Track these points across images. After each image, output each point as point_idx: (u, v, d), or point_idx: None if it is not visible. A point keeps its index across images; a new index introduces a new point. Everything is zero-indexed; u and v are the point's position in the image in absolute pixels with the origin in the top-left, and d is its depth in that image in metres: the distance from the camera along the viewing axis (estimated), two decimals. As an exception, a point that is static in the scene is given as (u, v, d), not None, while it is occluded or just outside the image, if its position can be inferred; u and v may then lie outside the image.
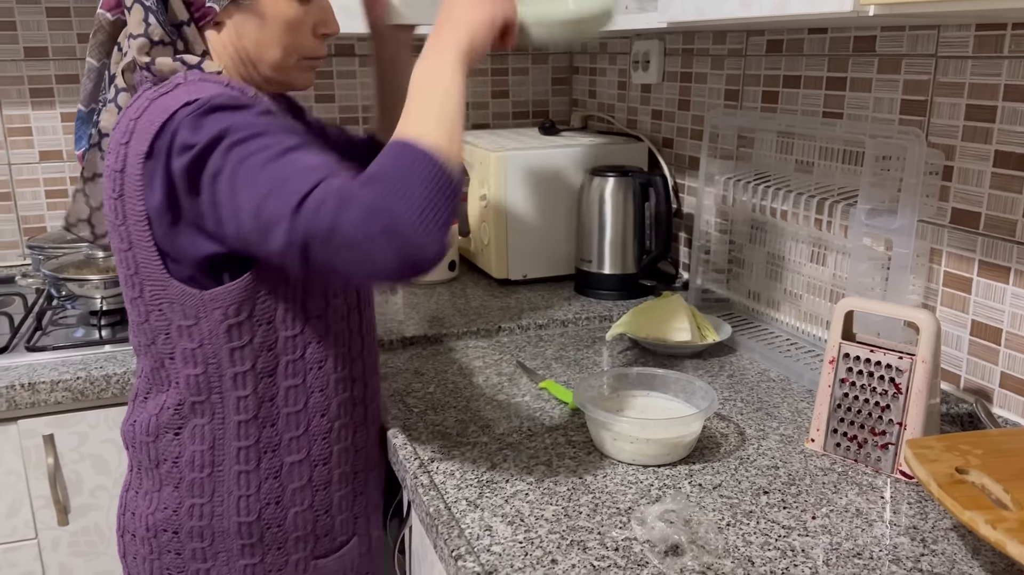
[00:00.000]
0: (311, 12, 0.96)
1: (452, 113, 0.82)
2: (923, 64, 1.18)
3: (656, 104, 1.87)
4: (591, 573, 0.84)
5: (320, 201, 0.75)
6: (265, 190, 0.78)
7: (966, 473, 0.80)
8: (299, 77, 0.99)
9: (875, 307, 1.04)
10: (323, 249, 0.76)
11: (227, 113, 0.83)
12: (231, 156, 0.80)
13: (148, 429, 0.98)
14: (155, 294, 0.92)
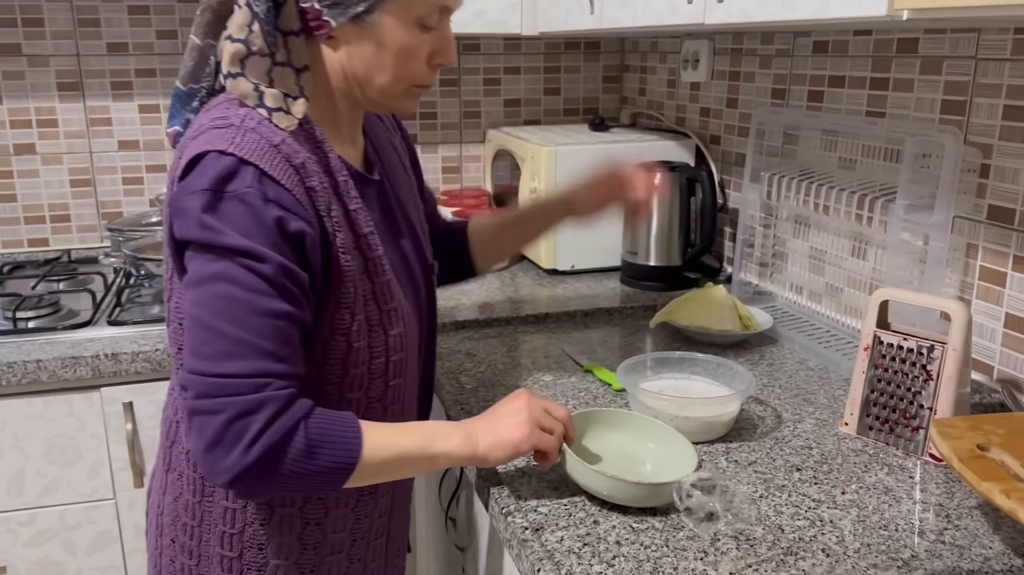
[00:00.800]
0: (429, 41, 0.90)
1: (403, 473, 0.88)
2: (963, 66, 1.22)
3: (704, 102, 1.92)
4: (630, 534, 0.91)
5: (254, 403, 0.78)
6: (232, 333, 0.79)
7: (987, 450, 0.85)
8: (403, 103, 0.94)
9: (909, 297, 1.09)
10: (204, 420, 0.78)
11: (239, 221, 0.79)
12: (234, 272, 0.79)
13: (168, 432, 0.97)
14: (177, 307, 0.90)
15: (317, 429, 0.82)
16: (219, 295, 0.79)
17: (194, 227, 0.80)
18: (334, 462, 0.82)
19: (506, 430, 0.91)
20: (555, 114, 2.32)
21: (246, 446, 0.78)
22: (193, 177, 0.81)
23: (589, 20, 1.59)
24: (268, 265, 0.79)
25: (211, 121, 0.84)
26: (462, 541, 1.31)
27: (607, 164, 1.20)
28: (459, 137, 2.26)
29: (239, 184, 0.80)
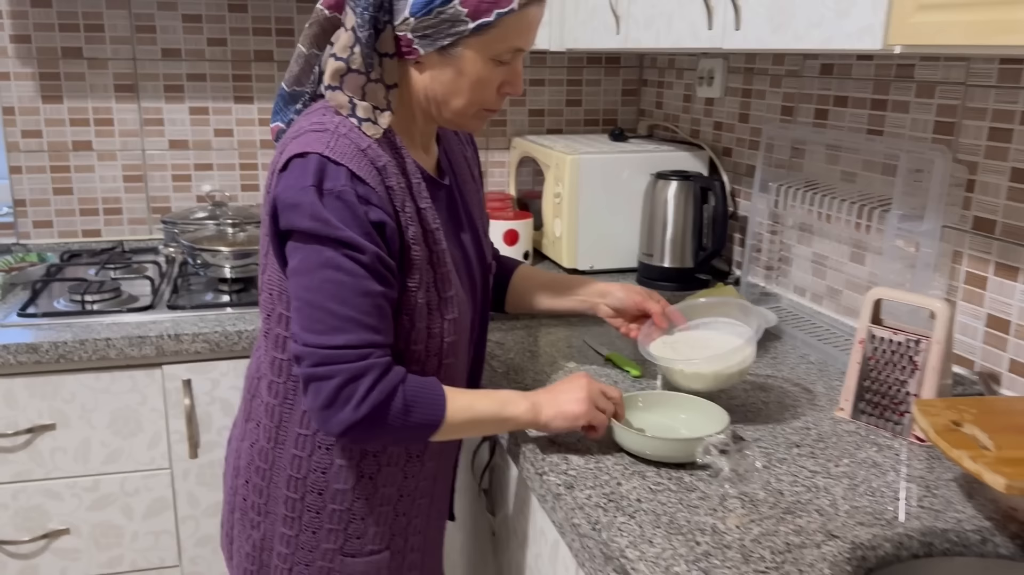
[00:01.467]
0: (501, 73, 1.03)
1: (474, 431, 1.04)
2: (954, 91, 1.35)
3: (718, 116, 2.06)
4: (649, 493, 1.04)
5: (360, 369, 0.95)
6: (339, 311, 0.94)
7: (961, 426, 0.98)
8: (473, 123, 1.07)
9: (899, 296, 1.23)
10: (318, 384, 0.95)
11: (340, 215, 0.94)
12: (339, 261, 0.94)
13: (250, 387, 1.12)
14: (270, 278, 1.05)
15: (412, 392, 0.99)
16: (328, 280, 0.94)
17: (305, 219, 0.94)
18: (425, 419, 0.99)
19: (567, 403, 1.08)
20: (576, 124, 2.46)
21: (356, 404, 0.95)
22: (296, 175, 0.95)
23: (615, 40, 1.73)
24: (366, 255, 0.95)
25: (310, 125, 0.99)
26: (494, 508, 1.44)
27: (640, 292, 1.35)
28: (486, 144, 2.40)
29: (335, 182, 0.94)
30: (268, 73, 2.20)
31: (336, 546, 1.10)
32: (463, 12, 0.95)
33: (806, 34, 1.15)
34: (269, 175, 1.02)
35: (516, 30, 0.99)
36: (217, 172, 2.23)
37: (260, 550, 1.11)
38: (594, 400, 1.09)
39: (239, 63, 2.18)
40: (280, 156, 0.99)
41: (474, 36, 0.98)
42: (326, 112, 1.01)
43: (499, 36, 0.98)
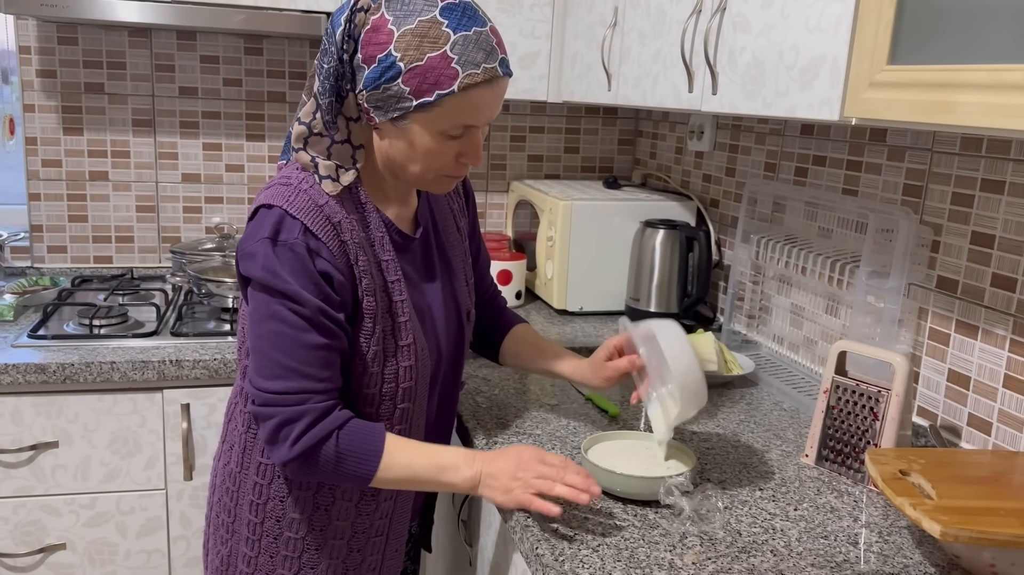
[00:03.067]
0: (456, 145, 1.06)
1: (409, 487, 1.09)
2: (922, 156, 1.43)
3: (707, 169, 2.14)
4: (613, 529, 1.10)
5: (296, 414, 1.03)
6: (283, 360, 1.03)
7: (908, 475, 1.04)
8: (436, 186, 1.12)
9: (861, 348, 1.29)
10: (262, 421, 1.05)
11: (289, 267, 1.01)
12: (285, 314, 1.02)
13: (228, 410, 1.21)
14: (242, 316, 1.14)
15: (347, 440, 1.05)
16: (272, 331, 1.03)
17: (258, 269, 1.02)
18: (357, 471, 1.06)
19: (506, 493, 1.08)
20: (573, 171, 2.55)
21: (291, 443, 1.03)
22: (257, 225, 1.04)
23: (607, 95, 1.82)
24: (307, 308, 1.02)
25: (279, 178, 1.08)
26: (471, 539, 1.50)
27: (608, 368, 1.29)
28: (485, 186, 2.49)
29: (289, 235, 1.02)
30: (280, 113, 2.31)
31: (291, 573, 1.15)
32: (406, 91, 1.00)
33: (774, 102, 1.23)
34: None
35: (461, 109, 1.02)
36: (226, 205, 2.33)
37: (227, 565, 1.19)
38: (537, 490, 1.08)
39: (253, 103, 2.29)
40: (252, 205, 1.08)
41: (419, 112, 1.02)
42: (295, 168, 1.09)
43: (443, 115, 1.02)
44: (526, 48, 2.07)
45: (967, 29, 0.88)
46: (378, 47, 1.00)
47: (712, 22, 1.40)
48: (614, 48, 1.80)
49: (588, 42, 1.94)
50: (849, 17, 1.08)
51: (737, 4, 1.34)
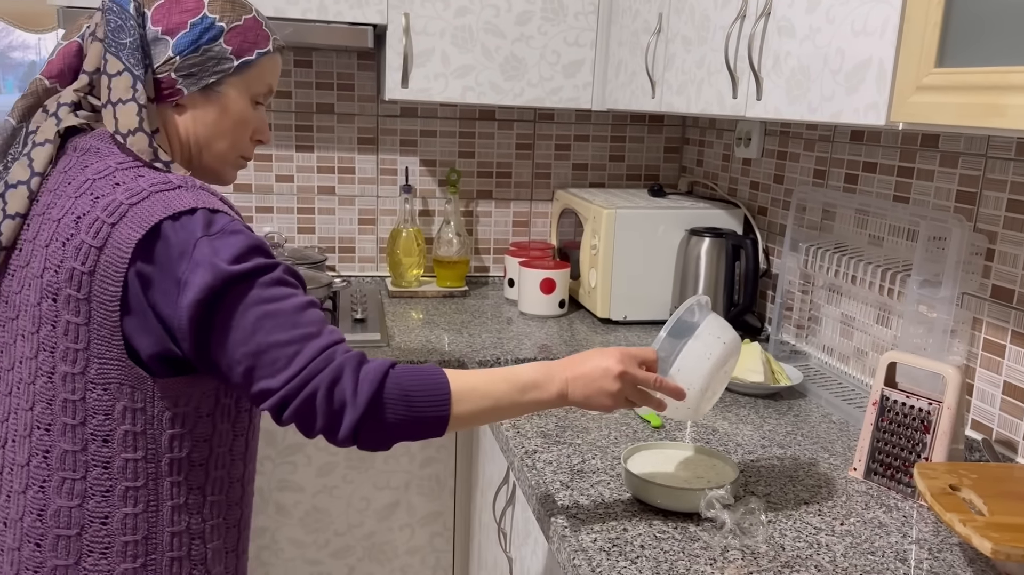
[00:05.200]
0: (256, 118, 1.07)
1: (493, 418, 0.99)
2: (975, 162, 1.39)
3: (755, 176, 2.11)
4: (653, 540, 1.09)
5: (337, 371, 0.90)
6: (287, 338, 0.89)
7: (958, 490, 1.01)
8: (230, 172, 1.09)
9: (912, 360, 1.26)
10: (307, 408, 0.89)
11: (253, 248, 0.91)
12: (262, 294, 0.89)
13: (70, 521, 0.93)
14: (104, 373, 0.91)
15: (406, 376, 0.94)
16: (260, 318, 0.89)
17: (219, 264, 0.88)
18: (428, 411, 0.93)
19: (598, 397, 1.03)
20: (619, 179, 2.54)
21: (352, 401, 0.90)
22: (183, 236, 0.89)
23: (651, 103, 1.81)
24: (278, 271, 0.92)
25: (152, 185, 0.92)
26: (510, 548, 1.50)
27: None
28: (530, 195, 2.50)
29: (222, 221, 0.91)
30: (328, 124, 2.34)
31: None
32: (228, 50, 1.01)
33: (819, 107, 1.21)
34: (76, 266, 0.90)
35: (271, 70, 1.07)
36: (276, 215, 2.37)
37: None
38: (626, 395, 1.05)
39: (302, 114, 2.33)
40: (107, 238, 0.90)
41: (237, 75, 1.03)
42: (158, 179, 0.94)
43: (258, 76, 1.05)
44: (570, 56, 2.07)
45: (1017, 30, 0.85)
46: (187, 13, 1.00)
47: (756, 27, 1.38)
48: (658, 55, 1.79)
49: (632, 49, 1.93)
50: (896, 19, 1.05)
51: (782, 8, 1.32)
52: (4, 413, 0.97)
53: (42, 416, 0.93)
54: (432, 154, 2.42)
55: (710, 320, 1.11)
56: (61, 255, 0.91)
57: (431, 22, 2.00)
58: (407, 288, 2.30)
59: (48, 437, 0.93)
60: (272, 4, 1.91)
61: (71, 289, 0.90)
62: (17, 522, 0.94)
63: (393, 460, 1.85)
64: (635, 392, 1.06)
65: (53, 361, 0.92)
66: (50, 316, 0.92)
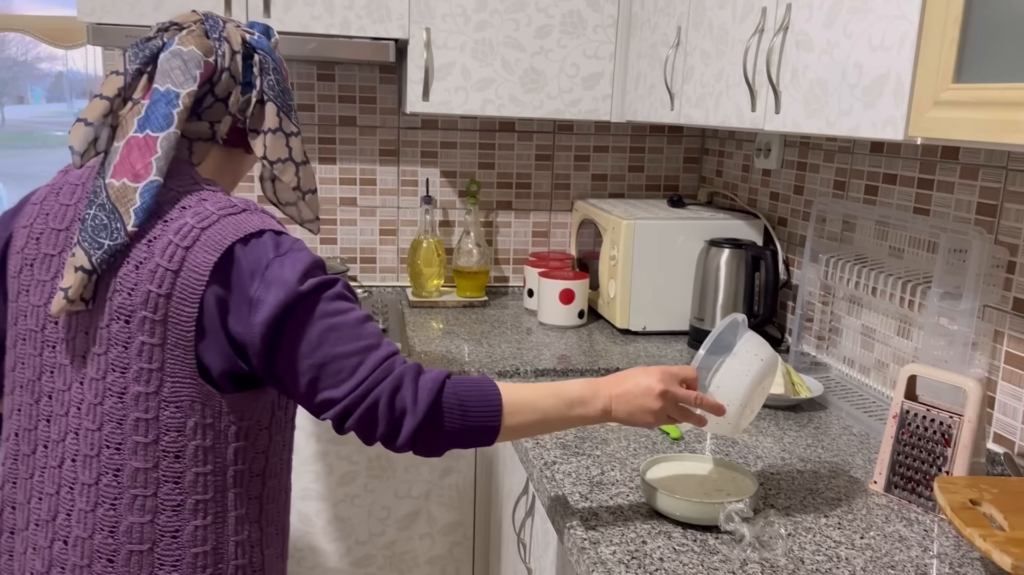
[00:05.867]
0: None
1: (539, 431, 1.04)
2: (996, 174, 1.39)
3: (775, 187, 2.11)
4: (672, 553, 1.09)
5: (397, 380, 0.94)
6: (350, 350, 0.93)
7: (979, 504, 1.00)
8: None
9: (932, 373, 1.25)
10: (369, 416, 0.94)
11: (316, 265, 0.95)
12: (326, 308, 0.93)
13: (142, 537, 0.95)
14: (176, 391, 0.93)
15: (462, 387, 0.98)
16: (323, 331, 0.93)
17: (290, 281, 0.92)
18: (482, 422, 0.98)
19: (640, 415, 1.07)
20: (638, 189, 2.54)
21: (412, 408, 0.95)
22: (255, 256, 0.93)
23: (669, 115, 1.82)
24: (338, 285, 0.96)
25: (220, 209, 0.95)
26: (530, 559, 1.50)
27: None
28: (549, 206, 2.51)
29: (287, 241, 0.96)
30: (351, 137, 2.37)
31: None
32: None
33: (837, 121, 1.21)
34: (153, 289, 0.91)
35: None
36: (299, 226, 2.40)
37: None
38: (668, 412, 1.08)
39: (325, 127, 2.36)
40: (181, 261, 0.92)
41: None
42: (223, 201, 0.97)
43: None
44: (590, 69, 2.09)
45: (1036, 46, 0.86)
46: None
47: (775, 41, 1.39)
48: (677, 68, 1.80)
49: (651, 62, 1.94)
50: (913, 35, 1.06)
51: (800, 23, 1.33)
52: (60, 433, 0.97)
53: (112, 436, 0.94)
54: (452, 165, 2.44)
55: (748, 338, 1.15)
56: (135, 278, 0.92)
57: (452, 36, 2.02)
58: (427, 298, 2.32)
59: (119, 456, 0.94)
60: (297, 20, 1.95)
61: (147, 311, 0.91)
62: (86, 540, 0.95)
63: (414, 470, 1.87)
64: (676, 409, 1.09)
65: (125, 381, 0.93)
66: (122, 337, 0.92)
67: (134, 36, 1.86)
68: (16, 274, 1.02)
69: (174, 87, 0.95)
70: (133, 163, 0.93)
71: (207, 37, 1.00)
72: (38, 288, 0.99)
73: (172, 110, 0.94)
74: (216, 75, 0.99)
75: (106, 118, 0.96)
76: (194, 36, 0.99)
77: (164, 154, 0.93)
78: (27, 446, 1.00)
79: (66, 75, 5.68)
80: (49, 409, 0.98)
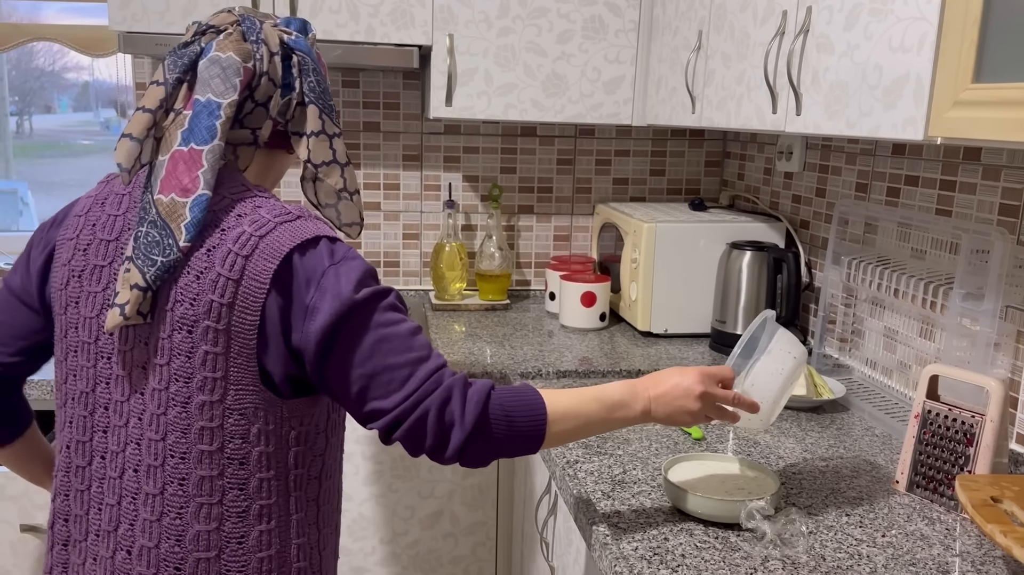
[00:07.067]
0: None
1: (583, 435, 1.05)
2: (1018, 174, 1.39)
3: (796, 190, 2.11)
4: (693, 550, 1.10)
5: (446, 392, 0.95)
6: (401, 361, 0.94)
7: (1000, 502, 1.01)
8: None
9: (954, 372, 1.26)
10: (418, 428, 0.94)
11: (370, 274, 0.96)
12: (380, 319, 0.94)
13: (209, 544, 0.96)
14: (240, 399, 0.94)
15: (507, 397, 0.99)
16: (376, 342, 0.94)
17: (345, 292, 0.92)
18: (528, 430, 0.99)
19: (679, 415, 1.09)
20: (659, 193, 2.56)
21: (460, 420, 0.95)
22: (312, 264, 0.93)
23: (691, 118, 1.83)
24: (391, 296, 0.97)
25: (276, 216, 0.96)
26: (553, 558, 1.52)
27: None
28: (571, 209, 2.53)
29: (342, 250, 0.96)
30: (375, 142, 2.41)
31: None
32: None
33: (857, 122, 1.22)
34: (216, 298, 0.92)
35: None
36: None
37: None
38: (706, 412, 1.10)
39: (349, 133, 2.40)
40: (242, 270, 0.93)
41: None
42: (278, 208, 0.98)
43: None
44: (611, 73, 2.11)
45: (1054, 46, 0.87)
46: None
47: (795, 43, 1.40)
48: (698, 71, 1.81)
49: (672, 66, 1.96)
50: (933, 36, 1.07)
51: (820, 25, 1.34)
52: (120, 444, 0.97)
53: (176, 445, 0.94)
54: (475, 170, 2.47)
55: (780, 336, 1.18)
56: (196, 288, 0.92)
57: (474, 42, 2.05)
58: (450, 301, 2.34)
59: (184, 465, 0.94)
60: (322, 27, 1.98)
61: (210, 321, 0.92)
62: (152, 549, 0.96)
63: (437, 470, 1.89)
64: (714, 409, 1.12)
65: (189, 391, 0.93)
66: (185, 347, 0.93)
67: (164, 44, 1.90)
68: (63, 286, 1.01)
69: (215, 97, 0.95)
70: (180, 177, 0.93)
71: (244, 40, 0.99)
72: (88, 299, 0.99)
73: (215, 122, 0.94)
74: (255, 80, 0.99)
75: (150, 131, 0.96)
76: (232, 40, 0.97)
77: (210, 166, 0.94)
78: (81, 458, 1.00)
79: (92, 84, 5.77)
80: (106, 420, 0.98)
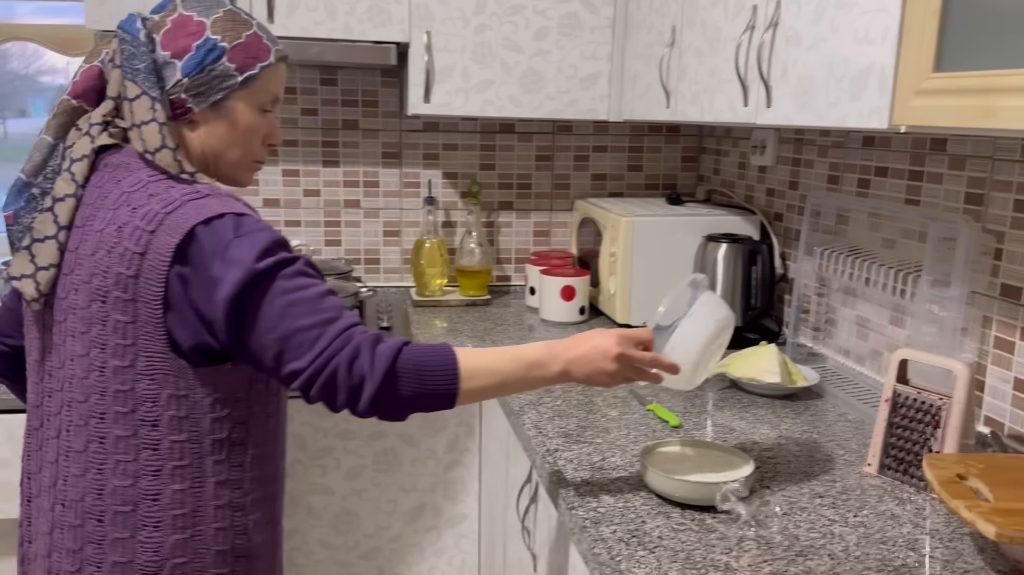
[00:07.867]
0: (265, 124, 1.14)
1: (500, 393, 1.08)
2: (983, 164, 1.42)
3: (770, 183, 2.15)
4: (670, 532, 1.13)
5: (355, 349, 0.99)
6: (310, 323, 0.98)
7: (965, 479, 1.04)
8: (245, 176, 1.16)
9: (922, 356, 1.29)
10: (331, 384, 0.98)
11: (277, 243, 1.00)
12: (285, 285, 0.98)
13: (125, 499, 1.02)
14: (150, 365, 1.00)
15: (418, 353, 1.03)
16: (284, 306, 0.98)
17: (247, 261, 0.96)
18: (438, 387, 1.03)
19: (598, 376, 1.12)
20: (637, 188, 2.59)
21: (370, 374, 0.99)
22: (216, 236, 0.98)
23: (665, 112, 1.86)
24: (299, 262, 1.01)
25: (184, 195, 1.01)
26: (534, 545, 1.54)
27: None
28: (550, 205, 2.55)
29: (249, 222, 1.00)
30: (354, 140, 2.42)
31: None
32: (231, 67, 1.08)
33: (825, 113, 1.25)
34: (123, 271, 0.99)
35: (275, 80, 1.13)
36: (304, 228, 2.45)
37: None
38: (624, 374, 1.14)
39: (328, 131, 2.40)
40: (147, 244, 0.99)
41: (243, 88, 1.10)
42: (187, 187, 1.03)
43: (262, 87, 1.11)
44: (587, 70, 2.13)
45: (1010, 36, 0.90)
46: (191, 36, 1.07)
47: (765, 37, 1.43)
48: (672, 66, 1.84)
49: (647, 61, 1.98)
50: (895, 28, 1.10)
51: (789, 19, 1.37)
52: (57, 407, 1.06)
53: (96, 406, 1.02)
54: (454, 167, 2.48)
55: (704, 299, 1.20)
56: (108, 262, 1.00)
57: (452, 39, 2.07)
58: (431, 297, 2.36)
59: (103, 425, 1.02)
60: (299, 25, 1.99)
61: (118, 291, 0.99)
62: (78, 502, 1.04)
63: (420, 463, 1.91)
64: (632, 370, 1.15)
65: (104, 357, 1.01)
66: (100, 317, 1.01)
67: (142, 43, 1.90)
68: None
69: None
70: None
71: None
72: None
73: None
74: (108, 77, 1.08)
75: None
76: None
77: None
78: (36, 421, 1.11)
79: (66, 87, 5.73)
80: (50, 386, 1.07)
